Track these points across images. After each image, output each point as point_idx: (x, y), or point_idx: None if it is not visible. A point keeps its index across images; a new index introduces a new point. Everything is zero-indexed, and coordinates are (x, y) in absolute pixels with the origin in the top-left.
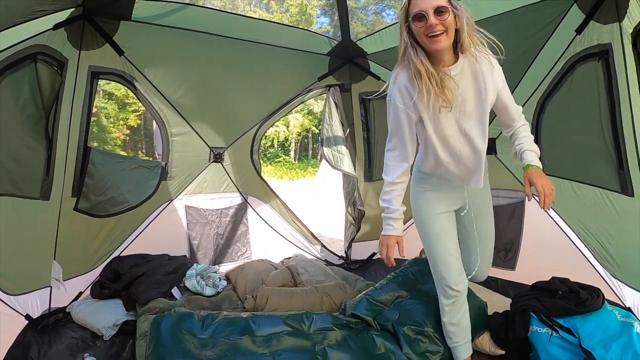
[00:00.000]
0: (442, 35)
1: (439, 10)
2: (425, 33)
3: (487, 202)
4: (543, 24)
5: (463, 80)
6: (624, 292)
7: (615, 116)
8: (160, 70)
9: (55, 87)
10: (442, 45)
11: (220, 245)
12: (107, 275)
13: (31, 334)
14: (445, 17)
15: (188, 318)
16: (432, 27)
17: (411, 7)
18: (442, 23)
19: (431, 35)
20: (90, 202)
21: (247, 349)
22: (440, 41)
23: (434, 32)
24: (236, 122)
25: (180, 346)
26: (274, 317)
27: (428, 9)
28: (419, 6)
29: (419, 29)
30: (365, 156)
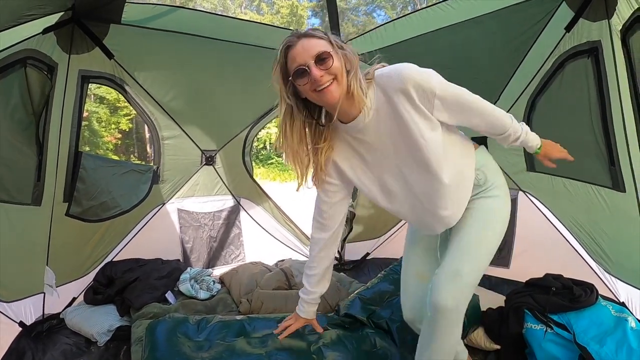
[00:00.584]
0: (332, 85)
1: (321, 58)
2: (312, 88)
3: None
4: (532, 23)
5: (375, 130)
6: (618, 287)
7: (606, 113)
8: (151, 73)
9: (46, 91)
10: (335, 96)
11: (213, 249)
12: (100, 281)
13: (25, 341)
14: (330, 64)
15: (183, 322)
16: (318, 80)
17: (289, 64)
18: (327, 72)
19: (319, 90)
20: (82, 207)
21: (243, 350)
22: (331, 91)
23: (322, 84)
24: (228, 125)
25: (176, 349)
26: (269, 319)
27: (308, 61)
28: (297, 60)
29: (304, 86)
30: None
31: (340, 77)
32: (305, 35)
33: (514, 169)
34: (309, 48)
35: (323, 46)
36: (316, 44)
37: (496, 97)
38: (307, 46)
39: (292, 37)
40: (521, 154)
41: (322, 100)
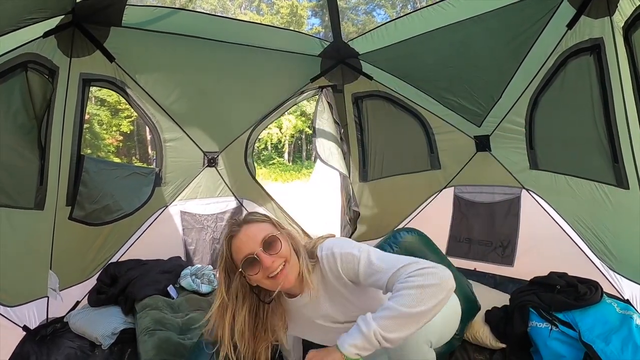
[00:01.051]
0: (285, 269)
1: (268, 243)
2: (265, 275)
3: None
4: (534, 20)
5: (315, 307)
6: (622, 284)
7: (609, 110)
8: (152, 75)
9: (47, 95)
10: (291, 280)
11: (216, 250)
12: (103, 280)
13: (29, 345)
14: (277, 248)
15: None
16: (270, 267)
17: (235, 255)
18: (277, 256)
19: (272, 276)
20: (84, 210)
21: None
22: (285, 275)
23: (274, 270)
24: (229, 126)
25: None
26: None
27: (255, 249)
28: (243, 250)
29: (254, 275)
30: (360, 157)
31: (290, 258)
32: (246, 222)
33: (517, 167)
34: (253, 235)
35: (268, 230)
36: (260, 228)
37: (498, 95)
38: (251, 233)
39: (234, 225)
40: (524, 152)
41: (277, 285)
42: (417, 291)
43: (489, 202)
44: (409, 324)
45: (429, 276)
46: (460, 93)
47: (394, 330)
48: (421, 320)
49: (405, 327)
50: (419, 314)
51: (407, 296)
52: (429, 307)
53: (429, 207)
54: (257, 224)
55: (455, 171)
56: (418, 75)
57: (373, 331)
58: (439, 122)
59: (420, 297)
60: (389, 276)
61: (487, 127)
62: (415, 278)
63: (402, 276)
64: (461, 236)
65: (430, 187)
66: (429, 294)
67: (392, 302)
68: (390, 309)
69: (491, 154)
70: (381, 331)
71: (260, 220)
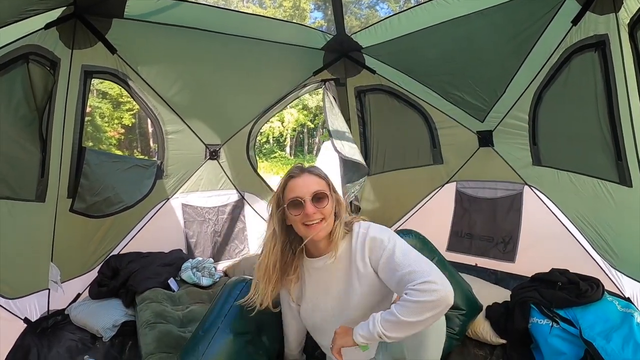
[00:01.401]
0: (320, 223)
1: (318, 197)
2: (302, 221)
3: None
4: (539, 15)
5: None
6: (623, 282)
7: (613, 107)
8: (154, 68)
9: (48, 87)
10: (321, 234)
11: (218, 243)
12: (105, 273)
13: (30, 337)
14: (324, 204)
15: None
16: (310, 215)
17: (286, 192)
18: (320, 211)
19: (308, 224)
20: (86, 202)
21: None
22: (318, 230)
23: (312, 220)
24: (231, 119)
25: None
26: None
27: (305, 195)
28: (296, 192)
29: (294, 216)
30: (362, 150)
31: (329, 219)
32: (307, 171)
33: (520, 163)
34: (310, 184)
35: (322, 186)
36: (316, 182)
37: (502, 90)
38: (308, 182)
39: (297, 169)
40: (527, 148)
41: (308, 234)
42: (416, 305)
43: (491, 198)
44: (405, 329)
45: (430, 293)
46: (464, 88)
47: (392, 331)
48: (416, 327)
49: (402, 331)
50: (414, 323)
51: (406, 307)
52: (423, 318)
53: (431, 202)
54: (316, 177)
55: (458, 166)
56: (421, 69)
57: (377, 330)
58: (442, 117)
59: (417, 311)
60: (401, 275)
61: (490, 122)
62: (417, 293)
63: (409, 285)
64: (463, 231)
65: (433, 182)
66: (426, 308)
67: (395, 309)
68: (392, 314)
69: (494, 149)
70: (383, 330)
71: (319, 176)
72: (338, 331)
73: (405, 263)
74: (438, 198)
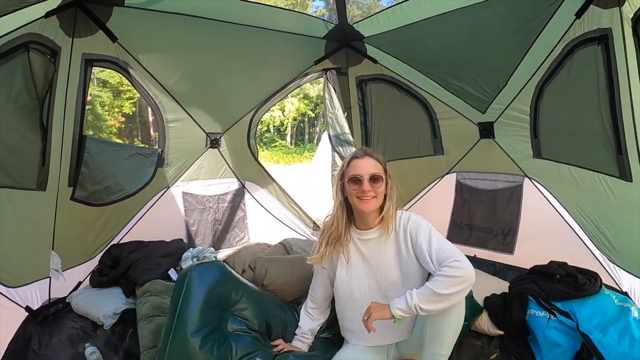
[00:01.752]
0: (372, 200)
1: (374, 178)
2: (357, 195)
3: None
4: (542, 8)
5: (377, 244)
6: (621, 276)
7: (615, 101)
8: (155, 56)
9: (49, 76)
10: (370, 208)
11: (218, 231)
12: (105, 262)
13: (32, 325)
14: (378, 185)
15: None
16: (365, 192)
17: (349, 169)
18: (374, 190)
19: (362, 199)
20: (86, 191)
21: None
22: (369, 204)
23: (366, 196)
24: (232, 107)
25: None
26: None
27: (364, 175)
28: (357, 170)
29: (352, 190)
30: (363, 140)
31: (379, 197)
32: (369, 154)
33: (521, 155)
34: (370, 166)
35: (380, 170)
36: (375, 165)
37: (504, 82)
38: (369, 164)
39: (361, 151)
40: (528, 140)
41: (360, 207)
42: (448, 279)
43: (491, 189)
44: (437, 301)
45: (459, 270)
46: (466, 79)
47: (427, 304)
48: (445, 300)
49: (434, 303)
50: (444, 295)
51: (440, 282)
52: (452, 291)
53: (431, 192)
54: (375, 161)
55: (458, 157)
56: (423, 59)
57: (414, 303)
58: (444, 108)
59: (448, 284)
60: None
61: (492, 114)
62: (449, 269)
63: (442, 263)
64: (462, 222)
65: (433, 173)
66: (454, 282)
67: (429, 284)
68: (427, 288)
69: (495, 141)
70: (419, 303)
71: (378, 160)
72: (373, 306)
73: (438, 245)
74: (438, 188)
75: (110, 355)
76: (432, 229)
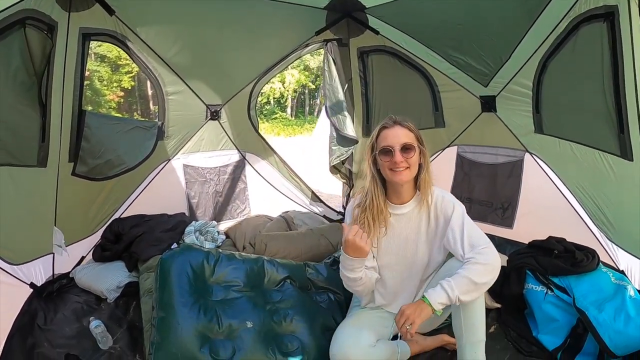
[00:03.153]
0: (405, 171)
1: (406, 148)
2: (390, 167)
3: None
4: None
5: (409, 220)
6: (619, 255)
7: (618, 79)
8: (153, 28)
9: (46, 51)
10: (404, 179)
11: (219, 203)
12: (108, 237)
13: (37, 301)
14: (411, 155)
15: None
16: (397, 163)
17: (379, 140)
18: (407, 160)
19: (395, 170)
20: (87, 166)
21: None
22: (402, 175)
23: (398, 167)
24: (232, 79)
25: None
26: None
27: (395, 145)
28: (387, 141)
29: (384, 162)
30: (364, 111)
31: (413, 168)
32: (399, 123)
33: (522, 130)
34: (400, 135)
35: (411, 139)
36: (406, 134)
37: (507, 56)
38: (400, 133)
39: (390, 120)
40: (529, 115)
41: (393, 179)
42: (482, 267)
43: (491, 163)
44: (475, 290)
45: (491, 256)
46: (468, 52)
47: (467, 294)
48: (481, 289)
49: (471, 293)
50: (480, 285)
51: (475, 270)
52: (487, 280)
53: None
54: (406, 129)
55: (460, 130)
56: (426, 31)
57: (455, 294)
58: (445, 80)
59: (484, 272)
60: (467, 235)
61: (494, 87)
62: (481, 257)
63: (474, 249)
64: (462, 195)
65: (434, 145)
66: (488, 270)
67: (465, 272)
68: (465, 277)
69: (496, 115)
70: (459, 294)
71: (409, 128)
72: (408, 312)
73: (471, 229)
74: (439, 161)
75: (114, 328)
76: (465, 210)
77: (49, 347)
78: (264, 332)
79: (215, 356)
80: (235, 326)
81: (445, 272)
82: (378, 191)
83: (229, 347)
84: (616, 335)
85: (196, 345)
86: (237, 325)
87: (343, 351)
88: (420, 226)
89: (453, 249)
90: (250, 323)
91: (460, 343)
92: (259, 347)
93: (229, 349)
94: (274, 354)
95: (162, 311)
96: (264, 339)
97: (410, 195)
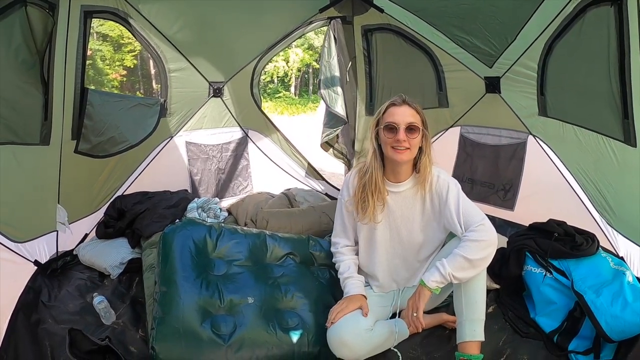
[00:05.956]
0: (405, 151)
1: (411, 128)
2: (392, 144)
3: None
4: None
5: (405, 199)
6: (618, 241)
7: (625, 64)
8: (155, 5)
9: (48, 29)
10: (404, 159)
11: (221, 180)
12: (111, 214)
13: (41, 279)
14: (414, 136)
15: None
16: (400, 141)
17: (385, 116)
18: (409, 140)
19: (396, 148)
20: (90, 143)
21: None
22: (403, 155)
23: (400, 146)
24: (235, 56)
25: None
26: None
27: (400, 124)
28: (394, 118)
29: (387, 138)
30: (367, 90)
31: (413, 149)
32: (407, 103)
33: (525, 112)
34: (407, 115)
35: (417, 120)
36: (412, 114)
37: (513, 37)
38: (407, 113)
39: (399, 99)
40: (534, 97)
41: (393, 156)
42: (477, 244)
43: (494, 145)
44: (470, 267)
45: (486, 233)
46: (474, 32)
47: (460, 271)
48: (475, 265)
49: (464, 270)
50: (474, 261)
51: (468, 247)
52: (481, 256)
53: (434, 144)
54: (414, 111)
55: (463, 111)
56: (431, 10)
57: (447, 271)
58: (450, 60)
59: (477, 249)
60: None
61: (499, 68)
62: (476, 234)
63: (469, 227)
64: (464, 176)
65: (437, 125)
66: (482, 246)
67: (458, 250)
68: (457, 255)
69: (500, 96)
70: (453, 272)
71: (416, 110)
72: (411, 302)
73: (466, 207)
74: (442, 141)
75: (117, 304)
76: (460, 189)
77: (53, 323)
78: (265, 307)
79: (217, 331)
80: (237, 301)
81: (446, 251)
82: (377, 166)
83: (230, 323)
84: (613, 319)
85: (198, 320)
86: (239, 300)
87: (340, 336)
88: (416, 205)
89: (453, 228)
90: (252, 299)
91: (460, 320)
92: (260, 323)
93: (230, 324)
94: (274, 330)
95: (164, 286)
96: (265, 315)
97: (407, 175)
